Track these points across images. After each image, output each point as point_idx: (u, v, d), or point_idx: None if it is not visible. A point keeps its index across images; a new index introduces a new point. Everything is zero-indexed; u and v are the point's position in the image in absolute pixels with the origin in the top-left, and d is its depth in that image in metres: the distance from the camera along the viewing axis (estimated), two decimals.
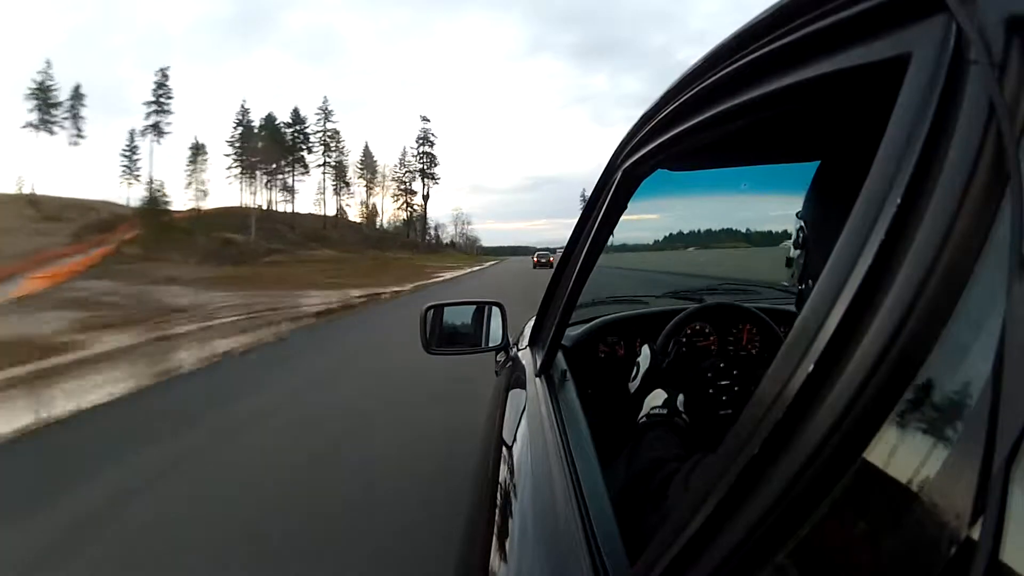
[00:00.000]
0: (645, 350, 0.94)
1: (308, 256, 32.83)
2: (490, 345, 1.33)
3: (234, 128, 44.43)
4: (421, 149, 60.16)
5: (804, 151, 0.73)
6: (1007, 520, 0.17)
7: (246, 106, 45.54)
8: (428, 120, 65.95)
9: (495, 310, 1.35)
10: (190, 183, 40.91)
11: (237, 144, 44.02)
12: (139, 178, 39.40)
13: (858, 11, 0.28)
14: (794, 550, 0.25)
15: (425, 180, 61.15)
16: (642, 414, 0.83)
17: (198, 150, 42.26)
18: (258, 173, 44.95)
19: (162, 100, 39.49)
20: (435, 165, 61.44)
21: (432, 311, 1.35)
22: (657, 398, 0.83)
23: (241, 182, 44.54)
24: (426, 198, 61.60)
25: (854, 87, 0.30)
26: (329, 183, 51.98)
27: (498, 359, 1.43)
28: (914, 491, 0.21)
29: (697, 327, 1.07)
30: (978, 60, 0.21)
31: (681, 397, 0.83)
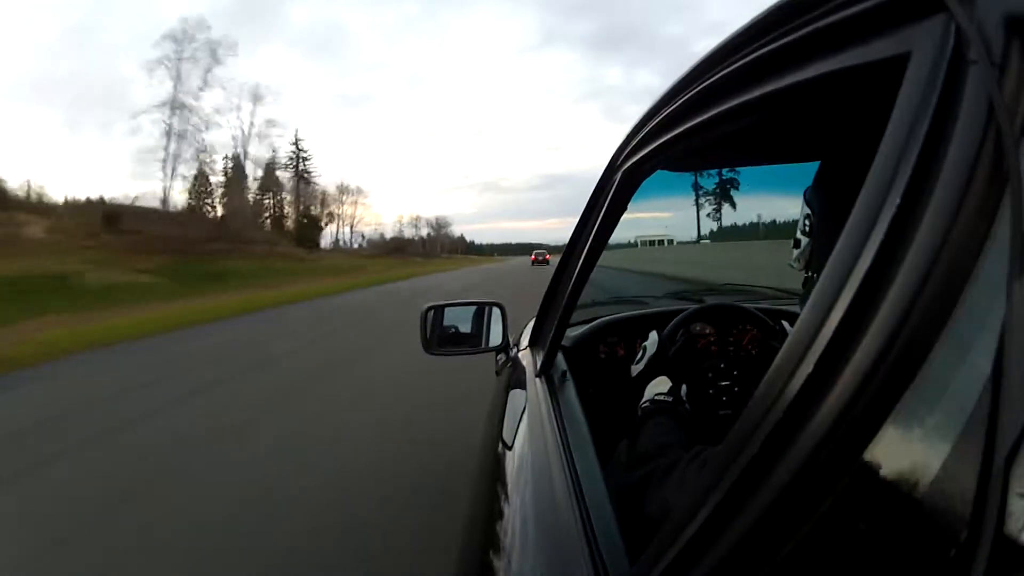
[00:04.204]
0: (653, 335, 0.94)
1: None
2: (490, 345, 1.33)
3: None
4: None
5: (804, 151, 0.73)
6: (1007, 520, 0.17)
7: None
8: None
9: (495, 311, 1.35)
10: None
11: None
12: None
13: (858, 11, 0.28)
14: (794, 550, 0.25)
15: None
16: (645, 399, 0.83)
17: None
18: None
19: None
20: None
21: (432, 311, 1.35)
22: (662, 385, 0.84)
23: None
24: None
25: (854, 87, 0.30)
26: None
27: (498, 359, 1.43)
28: (914, 491, 0.21)
29: (697, 328, 1.07)
30: (978, 60, 0.21)
31: (684, 387, 0.84)
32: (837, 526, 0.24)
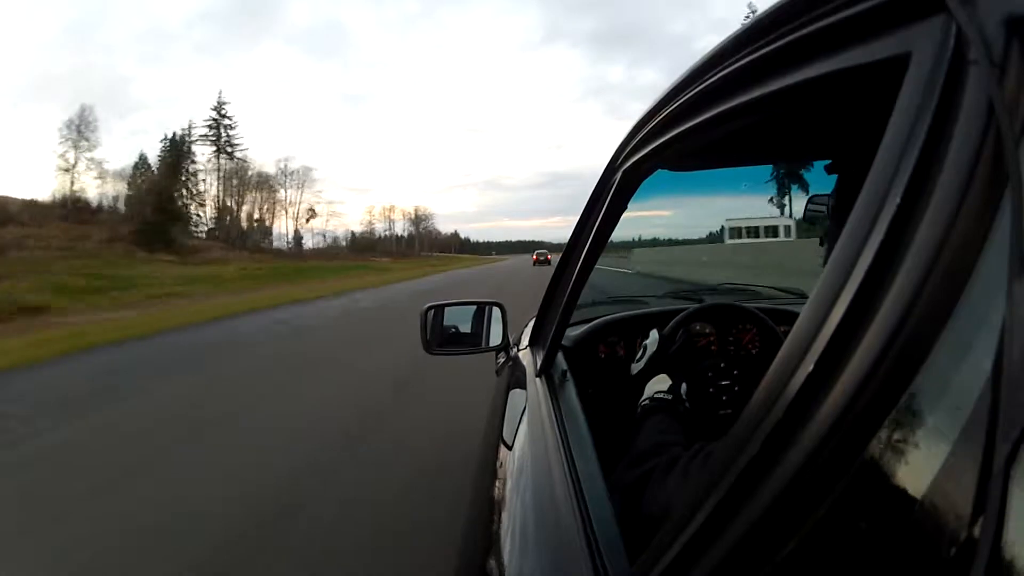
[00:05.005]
0: (653, 334, 0.94)
1: None
2: (490, 345, 1.33)
3: None
4: None
5: (804, 151, 0.73)
6: (1007, 520, 0.17)
7: None
8: None
9: (495, 310, 1.35)
10: None
11: None
12: None
13: (858, 11, 0.28)
14: (794, 550, 0.25)
15: None
16: (644, 397, 0.83)
17: None
18: None
19: None
20: None
21: (432, 311, 1.35)
22: (662, 383, 0.84)
23: None
24: None
25: (854, 87, 0.30)
26: None
27: (498, 359, 1.43)
28: (914, 491, 0.21)
29: (697, 327, 1.07)
30: (978, 60, 0.21)
31: (684, 386, 0.84)
32: (837, 526, 0.24)
